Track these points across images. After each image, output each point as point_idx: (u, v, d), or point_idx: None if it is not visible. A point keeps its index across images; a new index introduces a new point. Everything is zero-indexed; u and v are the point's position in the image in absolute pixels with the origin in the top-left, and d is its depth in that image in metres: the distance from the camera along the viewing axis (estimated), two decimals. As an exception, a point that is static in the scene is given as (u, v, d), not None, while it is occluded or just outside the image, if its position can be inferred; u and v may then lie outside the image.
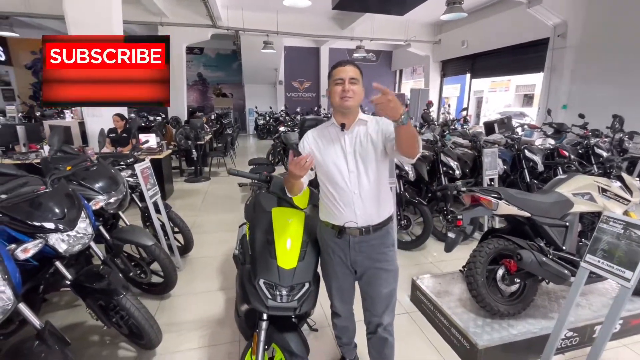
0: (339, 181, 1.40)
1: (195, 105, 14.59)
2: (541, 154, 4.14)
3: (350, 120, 1.41)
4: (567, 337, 2.01)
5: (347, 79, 1.34)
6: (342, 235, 1.46)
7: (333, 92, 1.37)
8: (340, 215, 1.43)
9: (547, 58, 7.83)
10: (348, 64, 1.37)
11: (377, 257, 1.48)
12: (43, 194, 1.64)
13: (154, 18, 8.82)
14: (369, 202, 1.41)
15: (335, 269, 1.55)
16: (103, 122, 4.78)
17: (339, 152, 1.41)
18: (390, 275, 1.51)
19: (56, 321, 2.28)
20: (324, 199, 1.50)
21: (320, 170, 1.46)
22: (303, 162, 1.22)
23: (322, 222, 1.54)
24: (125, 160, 2.94)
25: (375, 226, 1.44)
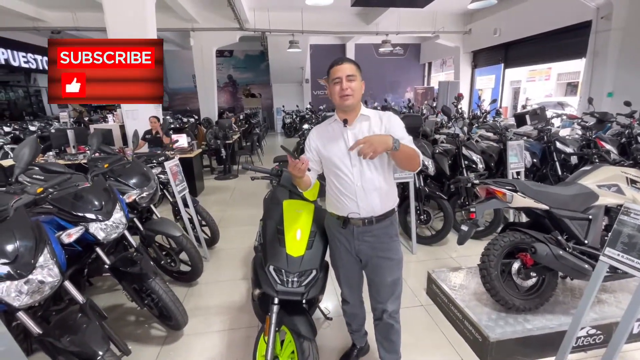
0: (343, 175, 1.46)
1: (226, 106, 15.17)
2: (576, 146, 3.90)
3: (353, 116, 1.46)
4: (590, 335, 1.93)
5: (344, 77, 1.38)
6: (346, 226, 1.53)
7: (332, 92, 1.44)
8: (344, 207, 1.50)
9: (590, 42, 7.26)
10: (344, 62, 1.41)
11: (380, 246, 1.54)
12: (85, 189, 1.87)
13: (185, 24, 9.31)
14: (372, 194, 1.47)
15: (341, 257, 1.62)
16: (140, 125, 5.19)
17: (342, 148, 1.46)
18: (394, 264, 1.57)
19: (99, 302, 2.52)
20: (329, 191, 1.58)
21: (326, 164, 1.53)
22: (300, 165, 1.32)
23: (328, 213, 1.63)
24: (157, 159, 3.20)
25: (378, 217, 1.50)
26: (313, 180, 1.56)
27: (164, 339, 2.18)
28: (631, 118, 4.63)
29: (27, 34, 10.31)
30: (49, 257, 1.35)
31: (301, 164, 1.31)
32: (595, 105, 5.62)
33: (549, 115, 5.73)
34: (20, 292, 1.25)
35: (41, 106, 13.08)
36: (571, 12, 7.39)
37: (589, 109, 5.70)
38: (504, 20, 9.28)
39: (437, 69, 14.76)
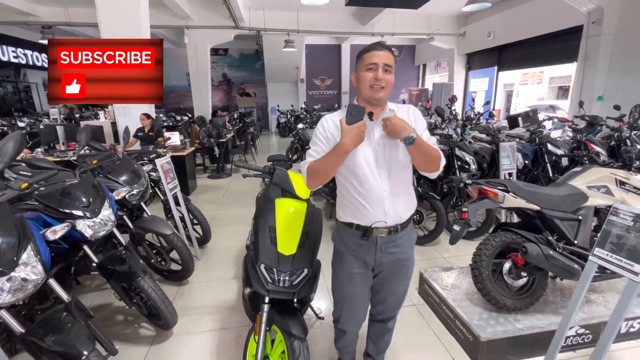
0: (368, 177, 1.26)
1: (221, 104, 15.07)
2: (567, 148, 3.95)
3: (379, 110, 1.27)
4: (579, 334, 1.95)
5: (381, 65, 1.19)
6: (368, 237, 1.32)
7: (363, 78, 1.22)
8: (367, 215, 1.30)
9: (581, 47, 7.37)
10: (383, 49, 1.21)
11: (401, 256, 1.39)
12: (72, 185, 1.83)
13: (180, 22, 9.22)
14: (399, 199, 1.30)
15: (354, 276, 1.41)
16: (132, 122, 5.12)
17: (366, 144, 1.25)
18: (409, 274, 1.47)
19: (86, 301, 2.51)
20: (346, 198, 1.34)
21: (346, 165, 1.27)
22: (365, 127, 1.12)
23: (341, 224, 1.41)
24: (148, 156, 3.15)
25: (402, 224, 1.35)
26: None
27: (152, 338, 2.14)
28: (620, 122, 4.73)
29: (17, 29, 10.12)
30: (33, 254, 1.31)
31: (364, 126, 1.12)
32: (585, 108, 5.70)
33: (541, 118, 5.80)
34: (2, 289, 1.22)
35: (31, 102, 12.84)
36: (563, 17, 7.50)
37: (580, 112, 5.77)
38: (498, 23, 9.38)
39: (432, 71, 14.86)
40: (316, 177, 1.26)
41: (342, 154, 1.16)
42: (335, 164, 1.21)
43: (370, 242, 1.34)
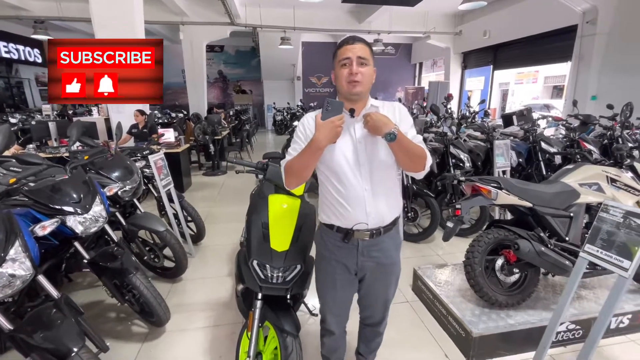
0: (348, 176, 1.21)
1: (216, 102, 14.99)
2: (560, 146, 3.98)
3: (360, 106, 1.23)
4: (569, 330, 1.97)
5: (355, 58, 1.14)
6: (349, 240, 1.28)
7: (339, 75, 1.18)
8: (348, 216, 1.25)
9: (575, 46, 7.43)
10: (356, 42, 1.17)
11: (385, 260, 1.34)
12: (63, 181, 1.80)
13: (175, 18, 9.14)
14: (381, 199, 1.25)
15: (336, 279, 1.37)
16: (126, 118, 5.07)
17: (348, 142, 1.21)
18: (395, 277, 1.42)
19: (78, 298, 2.49)
20: (327, 198, 1.30)
21: (324, 162, 1.24)
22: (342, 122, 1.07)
23: (322, 225, 1.37)
24: (142, 152, 3.13)
25: (386, 227, 1.29)
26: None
27: (145, 335, 2.13)
28: (613, 121, 4.78)
29: (9, 23, 9.95)
30: (21, 250, 1.29)
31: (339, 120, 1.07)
32: (579, 107, 5.76)
33: (536, 117, 5.85)
34: (-11, 285, 1.20)
35: (23, 98, 12.66)
36: (558, 16, 7.54)
37: (574, 111, 5.82)
38: (493, 22, 9.41)
39: (428, 70, 14.88)
40: (293, 176, 1.22)
41: (315, 151, 1.11)
42: (310, 161, 1.16)
43: (352, 245, 1.29)
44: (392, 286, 1.43)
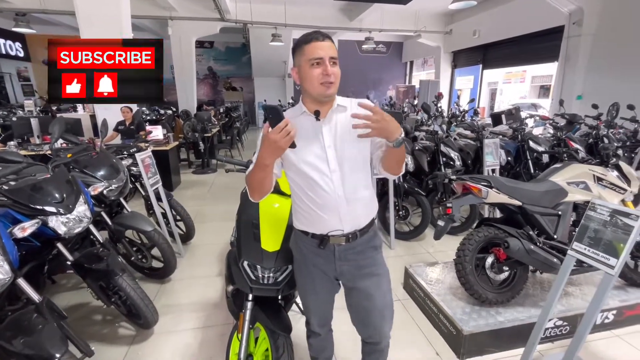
0: (320, 183, 1.15)
1: (206, 98, 14.79)
2: (547, 145, 4.05)
3: (326, 108, 1.15)
4: (557, 326, 2.01)
5: (328, 58, 1.06)
6: (325, 245, 1.23)
7: (309, 75, 1.08)
8: (322, 223, 1.20)
9: (562, 47, 7.57)
10: (326, 39, 1.09)
11: (365, 262, 1.28)
12: (44, 180, 1.74)
13: (163, 12, 8.95)
14: (356, 204, 1.19)
15: (315, 284, 1.33)
16: (113, 114, 4.95)
17: (316, 148, 1.14)
18: (382, 279, 1.32)
19: (62, 301, 2.42)
20: (299, 205, 1.25)
21: (292, 170, 1.18)
22: (290, 128, 0.94)
23: (296, 232, 1.32)
24: (128, 150, 3.05)
25: (362, 230, 1.24)
26: (273, 185, 1.21)
27: (132, 338, 2.08)
28: (597, 120, 4.90)
29: (-11, 16, 9.58)
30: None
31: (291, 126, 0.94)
32: (565, 107, 5.89)
33: (523, 116, 5.94)
34: (-36, 290, 1.14)
35: (4, 93, 12.25)
36: (545, 17, 7.67)
37: (560, 110, 5.95)
38: (483, 22, 9.51)
39: (419, 68, 14.98)
40: (253, 190, 1.16)
41: (262, 167, 1.04)
42: (262, 177, 1.08)
43: (328, 250, 1.24)
44: (383, 293, 1.31)
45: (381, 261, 1.33)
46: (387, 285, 1.35)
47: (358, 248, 1.25)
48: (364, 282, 1.29)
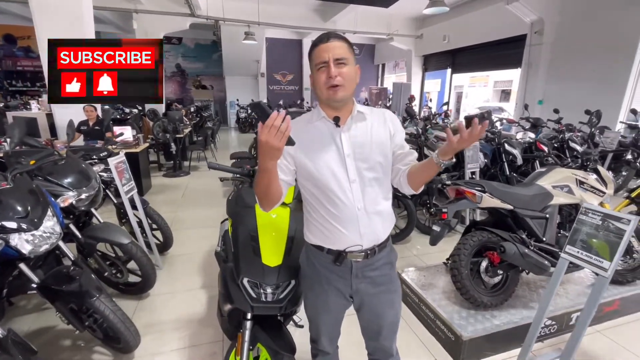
0: (339, 194, 1.08)
1: (174, 97, 14.11)
2: (520, 148, 4.25)
3: (346, 114, 1.09)
4: (547, 326, 2.07)
5: (332, 60, 1.00)
6: (341, 261, 1.15)
7: (317, 81, 1.04)
8: (340, 238, 1.12)
9: (525, 54, 8.05)
10: (331, 39, 1.02)
11: (382, 280, 1.21)
12: (2, 191, 1.50)
13: (127, 4, 8.40)
14: (376, 217, 1.12)
15: (328, 302, 1.23)
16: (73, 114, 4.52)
17: (334, 156, 1.08)
18: (396, 297, 1.26)
19: (24, 325, 2.14)
20: (313, 217, 1.16)
21: (309, 179, 1.10)
22: (278, 122, 0.81)
23: (309, 246, 1.23)
24: (98, 154, 2.78)
25: (380, 245, 1.17)
26: (285, 194, 1.11)
27: (110, 365, 1.88)
28: (559, 124, 5.27)
29: None
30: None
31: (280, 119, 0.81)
32: (528, 111, 6.27)
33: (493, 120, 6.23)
34: None
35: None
36: (510, 25, 8.10)
37: (524, 114, 6.33)
38: (453, 27, 9.88)
39: (390, 71, 15.32)
40: (260, 199, 1.06)
41: (264, 171, 0.95)
42: (266, 185, 0.99)
43: (345, 267, 1.16)
44: (396, 305, 1.27)
45: (395, 278, 1.27)
46: (399, 302, 1.30)
47: (376, 264, 1.18)
48: (378, 300, 1.23)
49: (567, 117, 5.68)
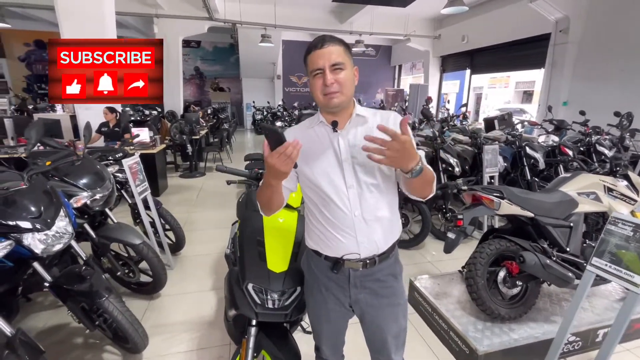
0: (335, 200, 1.05)
1: (192, 99, 14.42)
2: (542, 152, 4.06)
3: (344, 118, 1.07)
4: (570, 342, 1.94)
5: (328, 67, 0.97)
6: (339, 270, 1.11)
7: (314, 87, 1.01)
8: (336, 245, 1.09)
9: (548, 54, 7.72)
10: (325, 44, 0.98)
11: (384, 292, 1.16)
12: (18, 191, 1.54)
13: (149, 10, 8.63)
14: (375, 225, 1.07)
15: (328, 310, 1.20)
16: (95, 115, 4.67)
17: (332, 161, 1.05)
18: (400, 310, 1.20)
19: (39, 322, 2.20)
20: (312, 222, 1.15)
21: (307, 184, 1.10)
22: (290, 151, 0.84)
23: (309, 251, 1.22)
24: (114, 155, 2.84)
25: (381, 255, 1.11)
26: (286, 200, 1.14)
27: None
28: (585, 126, 4.99)
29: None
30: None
31: (292, 148, 0.84)
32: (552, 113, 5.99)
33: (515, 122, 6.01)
34: None
35: (-24, 91, 11.57)
36: (533, 24, 7.81)
37: (547, 116, 6.06)
38: (472, 27, 9.63)
39: (407, 72, 15.09)
40: (261, 206, 1.11)
41: (268, 186, 0.98)
42: (270, 196, 1.03)
43: (342, 275, 1.13)
44: (400, 319, 1.21)
45: (401, 290, 1.21)
46: (404, 316, 1.24)
47: (377, 275, 1.13)
48: (381, 313, 1.17)
49: (593, 120, 5.40)
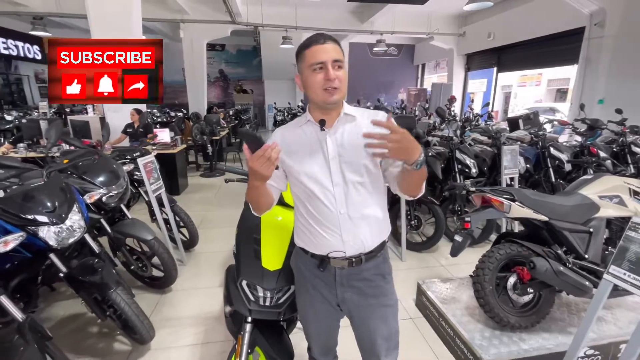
0: (321, 197, 1.06)
1: (217, 101, 14.87)
2: (569, 152, 3.82)
3: (333, 117, 1.06)
4: (587, 355, 1.81)
5: (330, 62, 0.97)
6: (325, 267, 1.12)
7: (311, 82, 1.00)
8: (322, 242, 1.09)
9: (582, 49, 7.26)
10: (327, 41, 0.99)
11: (371, 291, 1.14)
12: (36, 187, 1.66)
13: (175, 15, 9.00)
14: (361, 224, 1.07)
15: (315, 308, 1.21)
16: (122, 117, 4.93)
17: (319, 159, 1.06)
18: (389, 312, 1.19)
19: (59, 310, 2.35)
20: (299, 220, 1.16)
21: (294, 183, 1.11)
22: (269, 154, 0.86)
23: (297, 249, 1.23)
24: (131, 154, 2.97)
25: (368, 254, 1.11)
26: (276, 199, 1.15)
27: (127, 354, 1.98)
28: (622, 126, 4.62)
29: (8, 19, 9.83)
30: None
31: (270, 150, 0.86)
32: (586, 111, 5.60)
33: (542, 121, 5.69)
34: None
35: (22, 95, 12.54)
36: (565, 18, 7.38)
37: (580, 115, 5.67)
38: (498, 24, 9.25)
39: (431, 71, 14.73)
40: (252, 207, 1.14)
41: (253, 187, 1.00)
42: (256, 196, 1.05)
43: (328, 273, 1.12)
44: (390, 319, 1.19)
45: (391, 291, 1.19)
46: (394, 316, 1.21)
47: (363, 274, 1.13)
48: (370, 314, 1.16)
49: (632, 119, 5.00)
